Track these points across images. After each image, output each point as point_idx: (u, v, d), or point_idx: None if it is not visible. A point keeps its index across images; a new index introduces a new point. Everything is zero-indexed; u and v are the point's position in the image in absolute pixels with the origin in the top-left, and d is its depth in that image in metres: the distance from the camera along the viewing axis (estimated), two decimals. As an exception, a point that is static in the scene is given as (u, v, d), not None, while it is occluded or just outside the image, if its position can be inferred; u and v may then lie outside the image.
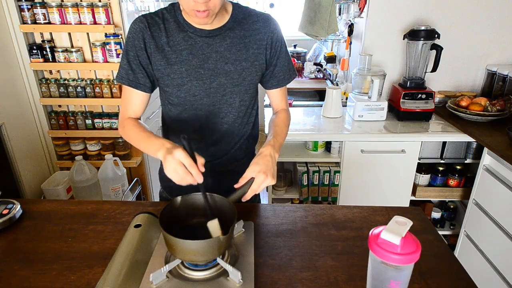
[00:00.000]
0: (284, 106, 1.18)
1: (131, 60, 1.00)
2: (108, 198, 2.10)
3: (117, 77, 1.03)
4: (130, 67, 1.00)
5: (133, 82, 1.01)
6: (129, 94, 1.04)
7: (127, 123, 1.03)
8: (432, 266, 0.86)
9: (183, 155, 0.80)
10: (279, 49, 1.07)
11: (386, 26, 2.16)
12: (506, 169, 1.65)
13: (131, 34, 0.99)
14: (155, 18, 0.99)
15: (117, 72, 1.03)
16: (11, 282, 0.81)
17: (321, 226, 1.01)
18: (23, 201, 1.10)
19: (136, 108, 1.06)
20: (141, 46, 0.98)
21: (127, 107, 1.05)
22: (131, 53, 0.99)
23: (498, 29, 2.13)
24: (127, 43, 1.00)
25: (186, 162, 0.80)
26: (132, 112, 1.06)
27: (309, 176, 2.03)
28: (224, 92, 1.04)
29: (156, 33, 0.98)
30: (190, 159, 0.81)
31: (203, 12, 0.88)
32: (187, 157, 0.80)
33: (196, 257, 0.76)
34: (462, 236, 2.00)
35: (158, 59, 0.99)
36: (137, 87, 1.02)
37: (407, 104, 2.05)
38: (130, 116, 1.06)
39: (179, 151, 0.81)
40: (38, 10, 1.96)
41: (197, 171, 0.81)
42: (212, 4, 0.88)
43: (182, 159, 0.80)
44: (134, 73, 1.00)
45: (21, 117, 2.11)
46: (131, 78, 1.01)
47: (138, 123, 1.03)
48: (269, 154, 0.95)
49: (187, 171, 0.80)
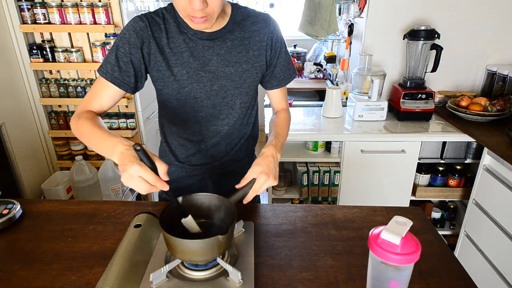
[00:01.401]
0: (284, 105, 1.18)
1: (120, 56, 0.94)
2: (108, 198, 2.09)
3: (100, 70, 0.96)
4: (117, 64, 0.95)
5: (117, 79, 0.95)
6: (104, 87, 0.97)
7: (84, 115, 0.92)
8: (432, 266, 0.86)
9: (142, 172, 0.71)
10: (279, 49, 1.06)
11: (386, 26, 2.16)
12: (506, 169, 1.65)
13: (128, 31, 0.95)
14: (155, 18, 0.97)
15: (100, 65, 0.96)
16: (11, 282, 0.81)
17: (321, 226, 1.01)
18: (23, 201, 1.10)
19: (104, 102, 0.98)
20: (136, 45, 0.95)
21: (94, 99, 0.97)
22: (122, 49, 0.94)
23: (498, 29, 2.13)
24: (121, 39, 0.95)
25: (148, 178, 0.72)
26: (98, 105, 0.97)
27: (309, 176, 2.03)
28: (225, 94, 1.03)
29: (157, 34, 0.96)
30: (151, 174, 0.72)
31: (200, 18, 0.85)
32: (147, 173, 0.71)
33: (196, 257, 0.76)
34: (462, 236, 2.00)
35: (159, 60, 0.97)
36: (120, 86, 0.96)
37: (407, 104, 2.05)
38: (93, 109, 0.97)
39: (136, 167, 0.71)
40: (38, 10, 1.96)
41: (162, 184, 0.74)
42: (210, 10, 0.85)
43: (142, 175, 0.71)
44: (120, 71, 0.95)
45: (21, 117, 2.11)
46: (116, 75, 0.95)
47: (97, 118, 0.94)
48: (271, 154, 0.94)
49: (150, 186, 0.73)
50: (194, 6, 0.81)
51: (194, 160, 1.14)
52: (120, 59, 0.95)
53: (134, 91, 1.01)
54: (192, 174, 1.16)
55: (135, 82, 0.98)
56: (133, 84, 0.98)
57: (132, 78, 0.97)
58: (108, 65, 0.95)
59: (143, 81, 1.02)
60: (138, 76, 0.99)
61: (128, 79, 0.97)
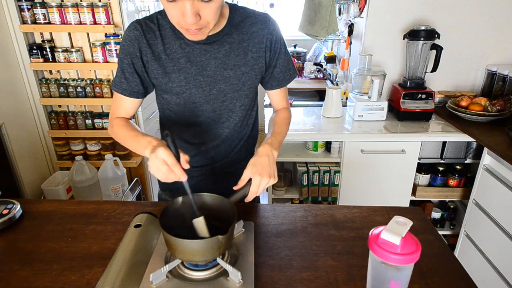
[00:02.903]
0: (284, 104, 1.17)
1: (125, 68, 0.98)
2: (108, 198, 2.10)
3: (112, 85, 1.04)
4: (123, 75, 0.99)
5: (126, 90, 1.00)
6: (120, 98, 1.03)
7: (116, 122, 1.02)
8: (432, 266, 0.86)
9: (166, 154, 0.79)
10: (279, 50, 1.05)
11: (386, 26, 2.16)
12: (506, 169, 1.65)
13: (126, 41, 0.96)
14: (150, 25, 0.96)
15: (113, 79, 1.04)
16: (11, 282, 0.81)
17: (321, 226, 1.01)
18: (23, 201, 1.10)
19: (127, 110, 1.05)
20: (136, 54, 0.96)
21: (118, 109, 1.05)
22: (125, 61, 0.97)
23: (498, 29, 2.13)
24: (122, 50, 0.98)
25: (169, 161, 0.79)
26: (123, 113, 1.05)
27: (309, 176, 2.03)
28: (224, 98, 1.03)
29: (152, 41, 0.96)
30: (173, 158, 0.79)
31: (195, 30, 0.84)
32: (169, 156, 0.79)
33: (196, 257, 0.76)
34: (462, 236, 2.00)
35: (155, 67, 0.97)
36: (131, 95, 1.02)
37: (407, 104, 2.05)
38: (120, 116, 1.05)
39: (162, 149, 0.79)
40: (38, 10, 1.96)
41: (180, 169, 0.80)
42: (204, 22, 0.83)
43: (165, 157, 0.79)
44: (127, 82, 0.99)
45: (21, 117, 2.11)
46: (124, 86, 1.00)
47: (127, 122, 1.03)
48: (266, 153, 0.92)
49: (170, 170, 0.79)
50: (187, 20, 0.81)
51: (194, 162, 1.13)
52: (125, 70, 0.99)
53: (146, 95, 1.06)
54: (192, 175, 1.16)
55: (144, 89, 1.03)
56: (143, 91, 1.03)
57: (140, 86, 1.01)
58: (117, 78, 1.01)
59: (152, 86, 1.05)
60: (145, 82, 1.02)
61: (137, 87, 1.01)
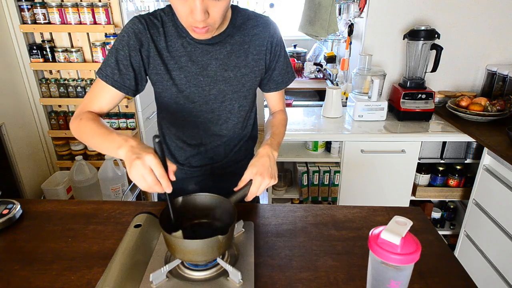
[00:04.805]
0: (281, 107, 1.18)
1: (120, 59, 0.93)
2: (108, 198, 2.09)
3: (99, 74, 0.94)
4: (117, 67, 0.93)
5: (117, 82, 0.94)
6: (103, 89, 0.95)
7: (85, 116, 0.91)
8: (432, 266, 0.86)
9: (155, 162, 0.71)
10: (278, 53, 1.05)
11: (386, 26, 2.16)
12: (506, 169, 1.65)
13: (127, 33, 0.94)
14: (154, 21, 0.95)
15: (99, 67, 0.94)
16: (11, 282, 0.81)
17: (321, 226, 1.01)
18: (23, 201, 1.10)
19: (104, 104, 0.97)
20: (135, 47, 0.93)
21: (94, 101, 0.96)
22: (122, 52, 0.93)
23: (498, 29, 2.13)
24: (120, 41, 0.93)
25: (157, 171, 0.71)
26: (97, 107, 0.96)
27: (309, 176, 2.03)
28: (223, 98, 1.03)
29: (156, 37, 0.95)
30: (161, 168, 0.72)
31: (202, 29, 0.84)
32: (158, 165, 0.71)
33: (196, 257, 0.76)
34: (462, 236, 2.00)
35: (158, 63, 0.96)
36: (120, 89, 0.95)
37: (407, 104, 2.05)
38: (93, 110, 0.96)
39: (150, 157, 0.71)
40: (38, 10, 1.96)
41: (167, 182, 0.73)
42: (212, 20, 0.83)
43: (153, 166, 0.71)
44: (120, 74, 0.94)
45: (21, 117, 2.11)
46: (116, 78, 0.94)
47: (99, 118, 0.93)
48: (266, 154, 0.93)
49: (156, 181, 0.72)
50: (196, 17, 0.80)
51: (194, 162, 1.14)
52: (120, 62, 0.93)
53: (135, 94, 1.00)
54: (192, 176, 1.16)
55: (135, 85, 0.98)
56: (134, 87, 0.97)
57: (132, 81, 0.96)
58: (108, 68, 0.93)
59: (144, 84, 1.01)
60: (139, 79, 0.98)
61: (129, 82, 0.95)
